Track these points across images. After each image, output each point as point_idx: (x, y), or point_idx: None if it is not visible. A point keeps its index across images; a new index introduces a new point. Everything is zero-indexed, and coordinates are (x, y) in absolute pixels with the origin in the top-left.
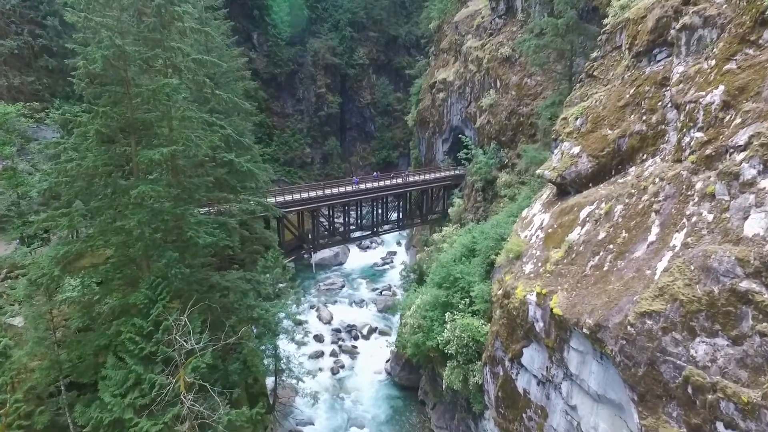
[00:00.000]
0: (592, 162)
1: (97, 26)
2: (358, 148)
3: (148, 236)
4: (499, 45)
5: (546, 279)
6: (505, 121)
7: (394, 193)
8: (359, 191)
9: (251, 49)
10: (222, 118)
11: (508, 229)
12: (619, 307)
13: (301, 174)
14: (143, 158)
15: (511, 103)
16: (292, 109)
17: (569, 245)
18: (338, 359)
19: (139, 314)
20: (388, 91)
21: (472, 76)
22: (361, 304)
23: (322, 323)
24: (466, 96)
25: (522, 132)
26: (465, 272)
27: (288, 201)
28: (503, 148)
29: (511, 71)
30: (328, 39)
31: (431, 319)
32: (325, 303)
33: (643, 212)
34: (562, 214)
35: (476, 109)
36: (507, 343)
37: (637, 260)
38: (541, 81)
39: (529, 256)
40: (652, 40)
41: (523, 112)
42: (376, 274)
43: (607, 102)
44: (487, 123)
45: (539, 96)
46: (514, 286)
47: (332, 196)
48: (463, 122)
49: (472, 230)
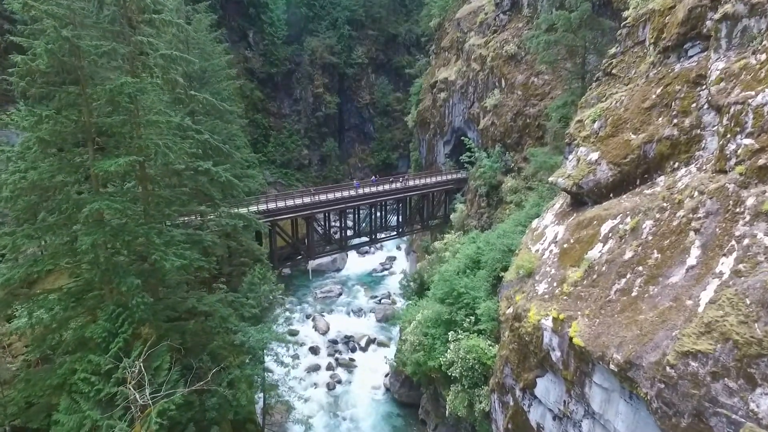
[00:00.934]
0: (613, 170)
1: (41, 15)
2: (357, 149)
3: (104, 260)
4: (504, 42)
5: (563, 302)
6: (511, 123)
7: (393, 198)
8: (356, 197)
9: (247, 47)
10: (205, 121)
11: (516, 240)
12: (654, 343)
13: (298, 176)
14: (99, 169)
15: (517, 104)
16: (289, 110)
17: (589, 264)
18: (335, 373)
19: (97, 349)
20: (388, 91)
21: (475, 75)
22: (359, 313)
23: (319, 334)
24: (468, 96)
25: (529, 134)
26: (469, 287)
27: (281, 207)
28: (508, 152)
29: (516, 70)
30: (325, 37)
31: (433, 337)
32: (322, 312)
33: (679, 230)
34: (580, 228)
35: (480, 109)
36: (518, 371)
37: (673, 287)
38: (549, 80)
39: (543, 274)
40: (683, 33)
41: (530, 113)
42: (375, 281)
43: (630, 103)
44: (492, 124)
45: (547, 96)
46: (526, 308)
47: (328, 202)
48: (465, 123)
49: (476, 239)
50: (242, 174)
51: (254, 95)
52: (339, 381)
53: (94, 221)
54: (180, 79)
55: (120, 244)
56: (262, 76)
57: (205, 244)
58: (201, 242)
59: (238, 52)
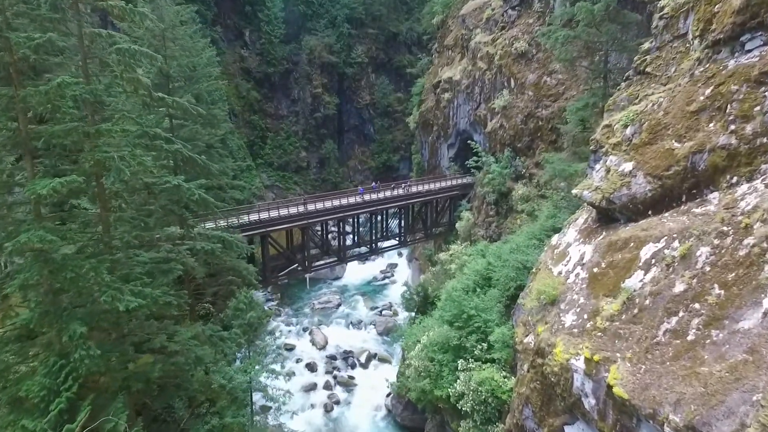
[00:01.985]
0: (652, 183)
1: None
2: (357, 151)
3: (35, 303)
4: (513, 39)
5: (597, 340)
6: (521, 126)
7: (394, 206)
8: (355, 204)
9: (243, 46)
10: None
11: (531, 255)
12: (727, 408)
13: (296, 179)
14: (30, 192)
15: (527, 105)
16: (286, 111)
17: (628, 295)
18: (333, 393)
19: (35, 410)
20: (388, 91)
21: (481, 74)
22: (358, 325)
23: (316, 349)
24: (474, 97)
25: (541, 138)
26: (480, 308)
27: (274, 218)
28: (519, 156)
29: (527, 69)
30: (324, 36)
31: (440, 364)
32: (320, 324)
33: (749, 262)
34: (613, 250)
35: (487, 111)
36: (541, 414)
37: (747, 334)
38: (563, 80)
39: (569, 302)
40: (741, 23)
41: (542, 115)
42: (375, 290)
43: (671, 106)
44: (500, 127)
45: (561, 97)
46: (551, 342)
47: (325, 210)
48: (471, 126)
49: (485, 252)
50: (228, 185)
51: (251, 96)
52: (337, 402)
53: (32, 253)
54: (144, 79)
55: (62, 282)
56: (259, 76)
57: (175, 274)
58: (171, 272)
59: (234, 51)
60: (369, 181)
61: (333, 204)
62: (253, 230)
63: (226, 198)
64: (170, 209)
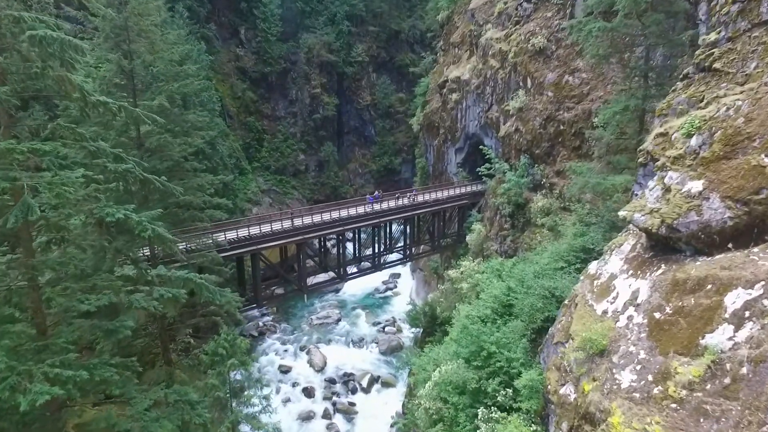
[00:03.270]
0: (733, 210)
1: None
2: (357, 153)
3: None
4: (530, 35)
5: (672, 414)
6: (540, 130)
7: (399, 217)
8: (356, 217)
9: (238, 45)
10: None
11: (560, 282)
12: None
13: (294, 183)
14: None
15: (547, 107)
16: (284, 112)
17: (714, 357)
18: (332, 423)
19: None
20: (390, 91)
21: (494, 73)
22: (360, 343)
23: (314, 371)
24: (486, 98)
25: (563, 143)
26: (501, 343)
27: (266, 233)
28: (537, 164)
29: (546, 67)
30: (323, 34)
31: (456, 407)
32: (318, 343)
33: None
34: (681, 292)
35: (500, 113)
36: None
37: None
38: (587, 79)
39: (625, 355)
40: None
41: (564, 118)
42: (378, 304)
43: (755, 111)
44: (515, 131)
45: (585, 98)
46: (604, 408)
47: (323, 224)
48: (482, 129)
49: (501, 271)
50: (206, 203)
51: (246, 96)
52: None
53: None
54: (73, 78)
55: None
56: (255, 75)
57: (121, 334)
58: (116, 332)
59: (229, 50)
60: (370, 185)
61: (332, 216)
62: (241, 248)
63: (205, 218)
64: (117, 248)
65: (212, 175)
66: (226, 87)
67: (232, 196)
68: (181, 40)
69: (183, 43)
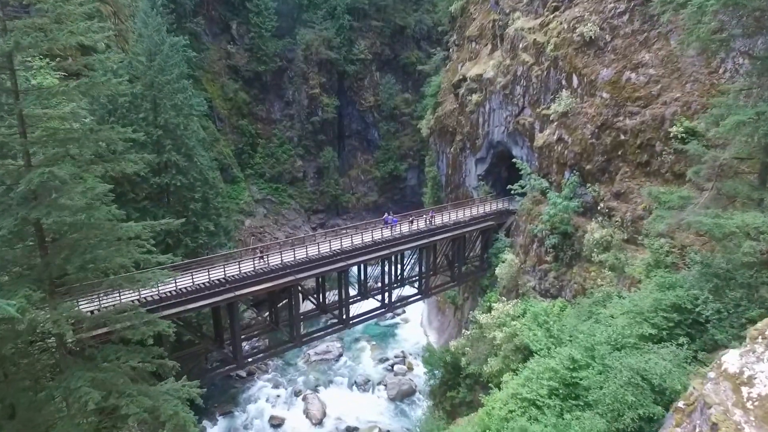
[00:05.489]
0: None
1: None
2: (359, 159)
3: None
4: (576, 22)
5: None
6: (592, 140)
7: (414, 245)
8: (363, 249)
9: (230, 41)
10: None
11: (655, 363)
12: None
13: (291, 192)
14: None
15: (601, 112)
16: (279, 114)
17: None
18: None
19: None
20: (395, 91)
21: (526, 70)
22: (365, 386)
23: (311, 423)
24: (515, 99)
25: (624, 158)
26: None
27: (248, 276)
28: (589, 183)
29: (598, 61)
30: (322, 29)
31: None
32: (316, 386)
33: None
34: None
35: (535, 118)
36: None
37: None
38: (656, 75)
39: None
40: None
41: (626, 125)
42: (384, 334)
43: None
44: (558, 141)
45: (655, 100)
46: None
47: (321, 260)
48: (510, 137)
49: (549, 323)
50: (135, 265)
51: (239, 97)
52: None
53: None
54: None
55: None
56: (248, 75)
57: None
58: None
59: (219, 46)
60: (373, 193)
61: (332, 248)
62: (213, 296)
63: (141, 278)
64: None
65: (153, 219)
66: (216, 87)
67: (214, 216)
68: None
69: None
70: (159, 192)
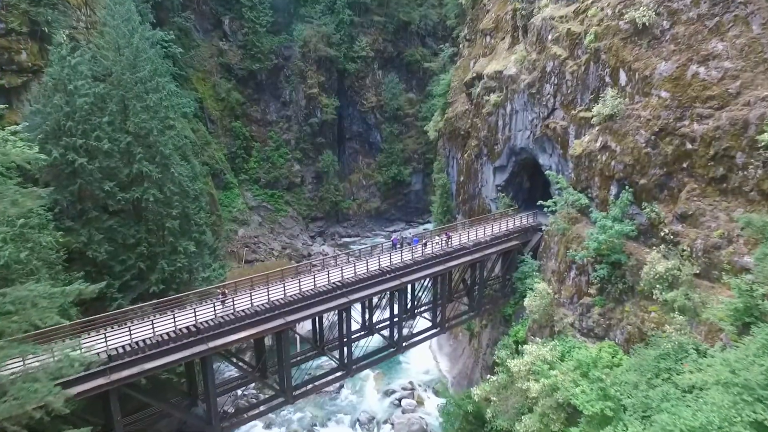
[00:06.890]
0: None
1: None
2: (361, 163)
3: None
4: (624, 6)
5: None
6: (647, 149)
7: (427, 274)
8: (366, 280)
9: (222, 38)
10: None
11: None
12: None
13: (288, 198)
14: None
15: (659, 114)
16: (275, 115)
17: None
18: None
19: None
20: (398, 91)
21: (558, 65)
22: (369, 425)
23: None
24: (544, 100)
25: (690, 171)
26: None
27: (229, 322)
28: (643, 201)
29: (654, 53)
30: (321, 25)
31: None
32: (313, 426)
33: None
34: None
35: (569, 122)
36: None
37: None
38: (734, 70)
39: None
40: None
41: (694, 131)
42: (389, 362)
43: None
44: (602, 149)
45: (734, 100)
46: None
47: (315, 297)
48: (536, 143)
49: (603, 379)
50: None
51: (232, 97)
52: None
53: None
54: None
55: None
56: (242, 73)
57: None
58: None
59: (211, 43)
60: (375, 199)
61: (330, 280)
62: (179, 350)
63: None
64: None
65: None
66: (208, 86)
67: (196, 234)
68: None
69: None
70: (129, 209)
